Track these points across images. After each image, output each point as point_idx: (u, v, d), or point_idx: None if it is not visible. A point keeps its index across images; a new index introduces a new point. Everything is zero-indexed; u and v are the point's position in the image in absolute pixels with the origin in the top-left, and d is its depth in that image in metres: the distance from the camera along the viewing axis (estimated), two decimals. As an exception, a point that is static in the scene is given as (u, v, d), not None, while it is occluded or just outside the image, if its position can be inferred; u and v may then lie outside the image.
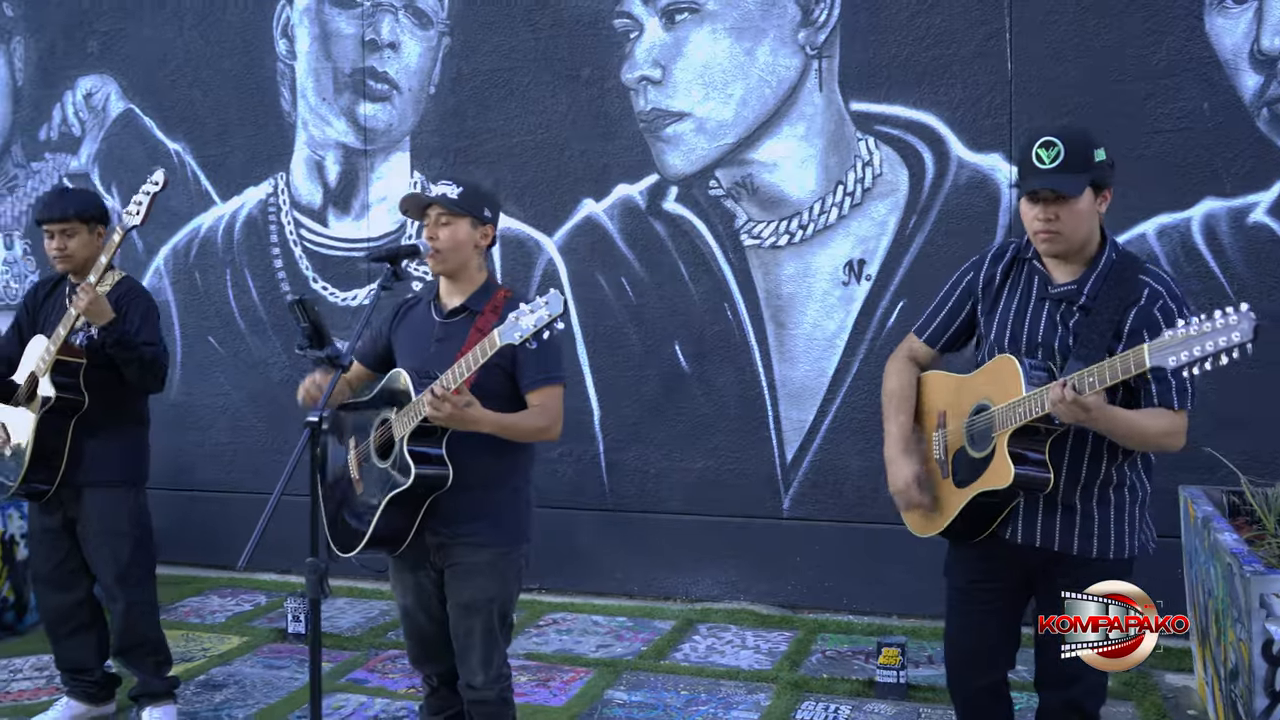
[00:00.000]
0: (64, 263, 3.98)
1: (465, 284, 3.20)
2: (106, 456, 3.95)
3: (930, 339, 3.01)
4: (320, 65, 6.01)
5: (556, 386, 3.13)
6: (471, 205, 3.13)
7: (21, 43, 6.62)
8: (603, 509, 5.66)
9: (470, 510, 3.10)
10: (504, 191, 5.72)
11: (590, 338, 5.63)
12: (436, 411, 2.86)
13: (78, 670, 4.11)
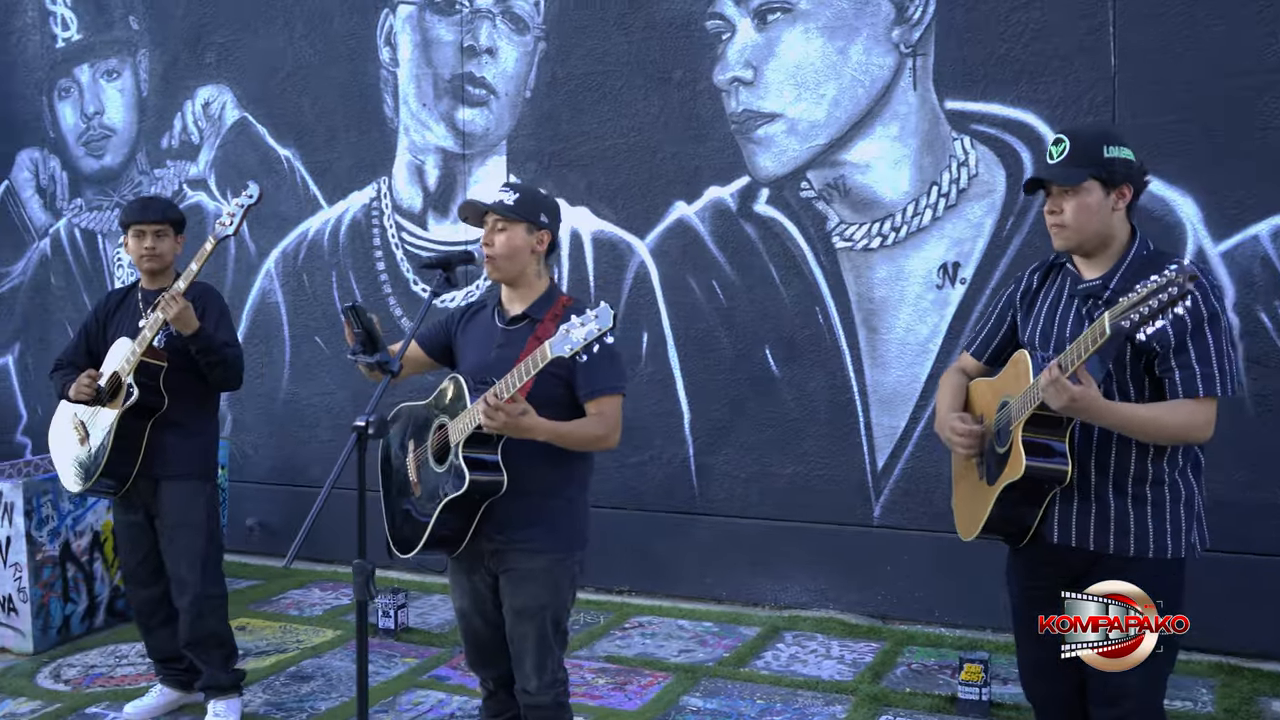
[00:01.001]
0: (152, 262, 4.13)
1: (526, 291, 3.22)
2: (183, 450, 4.09)
3: (977, 352, 3.07)
4: (421, 72, 6.13)
5: (615, 396, 3.12)
6: (527, 211, 3.15)
7: (146, 55, 6.91)
8: (692, 512, 5.64)
9: (525, 516, 3.11)
10: (596, 194, 5.74)
11: (681, 341, 5.60)
12: (490, 420, 2.88)
13: (168, 659, 4.27)
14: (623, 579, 5.78)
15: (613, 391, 3.11)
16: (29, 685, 4.62)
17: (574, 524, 3.19)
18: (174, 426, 4.05)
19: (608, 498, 5.77)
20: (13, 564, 4.94)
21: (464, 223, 3.28)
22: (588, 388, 3.09)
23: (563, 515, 3.15)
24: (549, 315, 3.16)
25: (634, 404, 5.65)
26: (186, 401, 4.06)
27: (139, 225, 4.10)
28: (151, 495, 4.12)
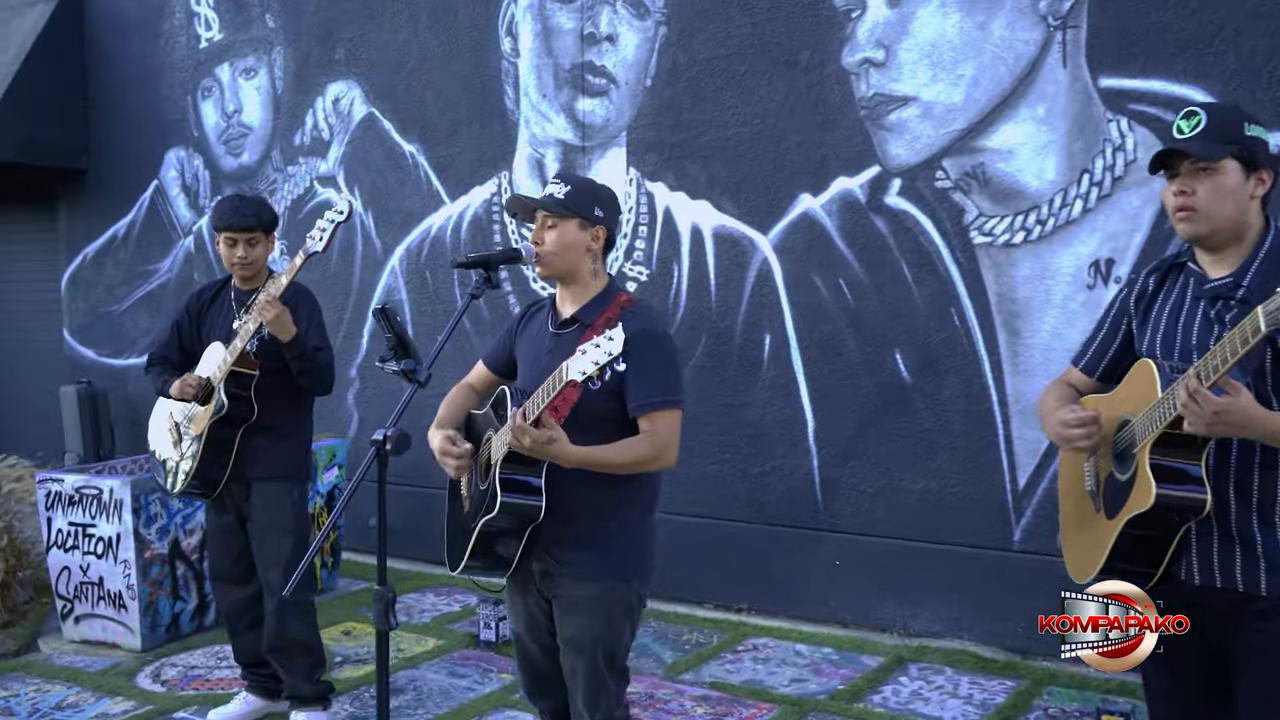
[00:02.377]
0: (245, 270, 4.04)
1: (579, 291, 2.92)
2: (274, 452, 4.00)
3: (1087, 367, 2.67)
4: (542, 62, 5.91)
5: (669, 411, 2.79)
6: (580, 204, 2.85)
7: (281, 52, 6.93)
8: (816, 528, 5.24)
9: (575, 539, 2.82)
10: (718, 187, 5.41)
11: (805, 344, 5.22)
12: (516, 443, 2.61)
13: (254, 664, 4.16)
14: (741, 596, 5.43)
15: (666, 406, 2.79)
16: (127, 684, 4.61)
17: (631, 550, 2.87)
18: (266, 430, 3.97)
19: (728, 510, 5.44)
20: (122, 561, 4.95)
21: (512, 218, 3.01)
22: (637, 401, 2.78)
23: (617, 540, 2.85)
24: (601, 319, 2.86)
25: (756, 411, 5.30)
26: (278, 404, 3.97)
27: (230, 233, 3.99)
28: (244, 497, 4.04)
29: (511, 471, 2.73)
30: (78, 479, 5.07)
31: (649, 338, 2.82)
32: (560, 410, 2.78)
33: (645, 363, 2.79)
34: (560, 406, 2.79)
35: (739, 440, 5.40)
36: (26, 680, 4.73)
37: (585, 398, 2.79)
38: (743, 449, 5.40)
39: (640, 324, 2.84)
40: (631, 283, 5.67)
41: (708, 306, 5.46)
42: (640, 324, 2.84)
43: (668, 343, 2.88)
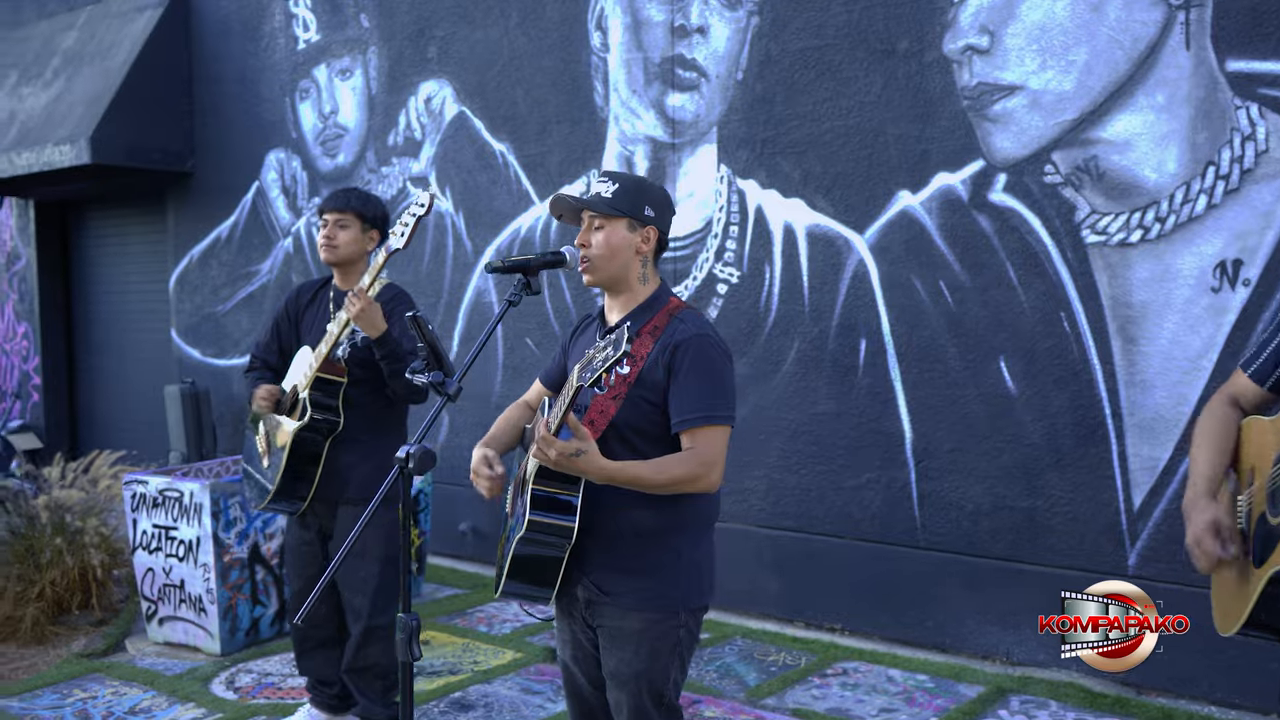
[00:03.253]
0: (329, 252, 3.88)
1: (626, 297, 2.72)
2: (361, 472, 3.78)
3: (1258, 374, 2.30)
4: (631, 56, 5.72)
5: (717, 428, 2.57)
6: (628, 204, 2.64)
7: (375, 52, 6.88)
8: (914, 546, 4.93)
9: (618, 565, 2.62)
10: (812, 185, 5.14)
11: (903, 350, 4.91)
12: (544, 455, 2.41)
13: (321, 682, 4.05)
14: (834, 615, 5.15)
15: (711, 421, 2.56)
16: (201, 691, 4.56)
17: (679, 580, 2.65)
18: (353, 444, 3.77)
19: (820, 523, 5.17)
20: (201, 564, 4.92)
21: (558, 219, 2.80)
22: (680, 415, 2.56)
23: (664, 569, 2.63)
24: (647, 327, 2.65)
25: (850, 420, 5.02)
26: (368, 418, 3.79)
27: (324, 212, 3.89)
28: (329, 517, 3.86)
29: (545, 488, 2.54)
30: (161, 481, 5.06)
31: (696, 346, 2.60)
32: (597, 423, 2.59)
33: (691, 374, 2.58)
34: (597, 419, 2.59)
35: (832, 451, 5.12)
36: (106, 682, 4.73)
37: (626, 409, 2.58)
38: (836, 460, 5.12)
39: (688, 331, 2.63)
40: (722, 284, 5.43)
41: (800, 310, 5.20)
42: (688, 331, 2.63)
43: (717, 353, 2.64)
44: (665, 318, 2.67)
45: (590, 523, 2.56)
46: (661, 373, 2.59)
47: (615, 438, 2.59)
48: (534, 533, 2.53)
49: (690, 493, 2.58)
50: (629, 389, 2.60)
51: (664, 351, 2.61)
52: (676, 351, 2.59)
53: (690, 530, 2.67)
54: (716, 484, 2.59)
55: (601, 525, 2.58)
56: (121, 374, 9.31)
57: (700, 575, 2.70)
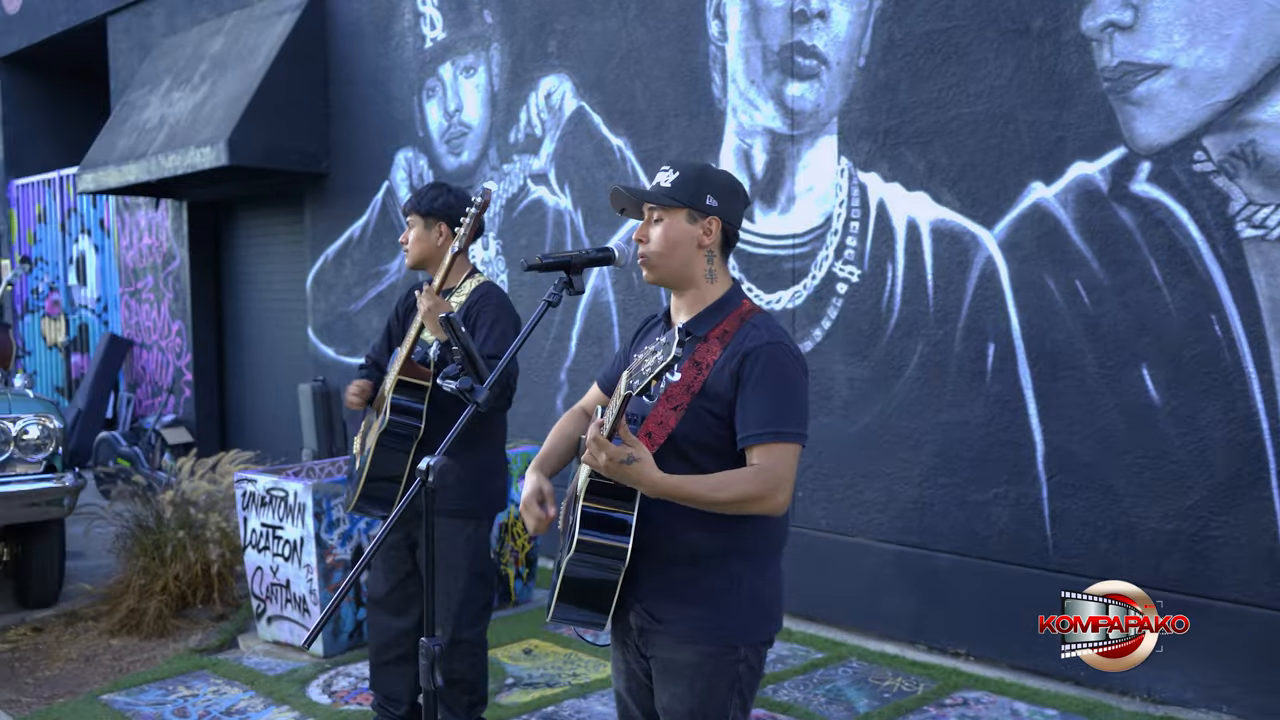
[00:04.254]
0: (410, 258, 3.82)
1: (692, 298, 2.48)
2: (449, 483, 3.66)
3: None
4: (750, 45, 5.46)
5: (786, 445, 2.31)
6: (688, 193, 2.41)
7: (498, 48, 6.80)
8: (1044, 568, 4.54)
9: (673, 591, 2.39)
10: (937, 177, 4.79)
11: (1034, 354, 4.53)
12: (593, 460, 2.20)
13: (389, 698, 3.92)
14: (958, 639, 4.80)
15: (779, 438, 2.31)
16: (297, 694, 4.53)
17: (740, 610, 2.40)
18: None
19: (943, 540, 4.83)
20: (305, 565, 4.90)
21: (621, 215, 2.58)
22: (746, 430, 2.32)
23: (723, 597, 2.38)
24: (715, 331, 2.41)
25: (976, 430, 4.67)
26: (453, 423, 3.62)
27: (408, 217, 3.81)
28: (416, 524, 3.71)
29: (597, 505, 2.33)
30: (269, 480, 5.07)
31: (768, 355, 2.35)
32: (655, 435, 2.36)
33: (760, 385, 2.33)
34: (655, 431, 2.37)
35: (957, 463, 4.77)
36: (210, 680, 4.75)
37: (687, 421, 2.35)
38: (961, 473, 4.76)
39: (759, 338, 2.38)
40: (842, 284, 5.13)
41: (924, 311, 4.86)
42: (759, 338, 2.38)
43: (791, 363, 2.38)
44: (735, 322, 2.43)
45: (643, 543, 2.35)
46: (728, 382, 2.35)
47: (674, 452, 2.37)
48: (584, 553, 2.33)
49: (753, 514, 2.34)
50: (691, 399, 2.37)
51: (731, 359, 2.37)
52: (745, 360, 2.35)
53: (753, 555, 2.42)
54: (783, 506, 2.33)
55: (655, 546, 2.37)
56: (265, 371, 9.54)
57: (763, 606, 2.45)
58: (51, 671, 5.14)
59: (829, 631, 5.13)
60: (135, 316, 10.58)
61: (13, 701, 4.79)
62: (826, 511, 5.25)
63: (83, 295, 11.50)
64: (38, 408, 5.71)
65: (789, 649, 4.95)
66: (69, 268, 11.68)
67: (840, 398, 5.17)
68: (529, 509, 2.47)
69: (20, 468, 5.51)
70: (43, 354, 12.25)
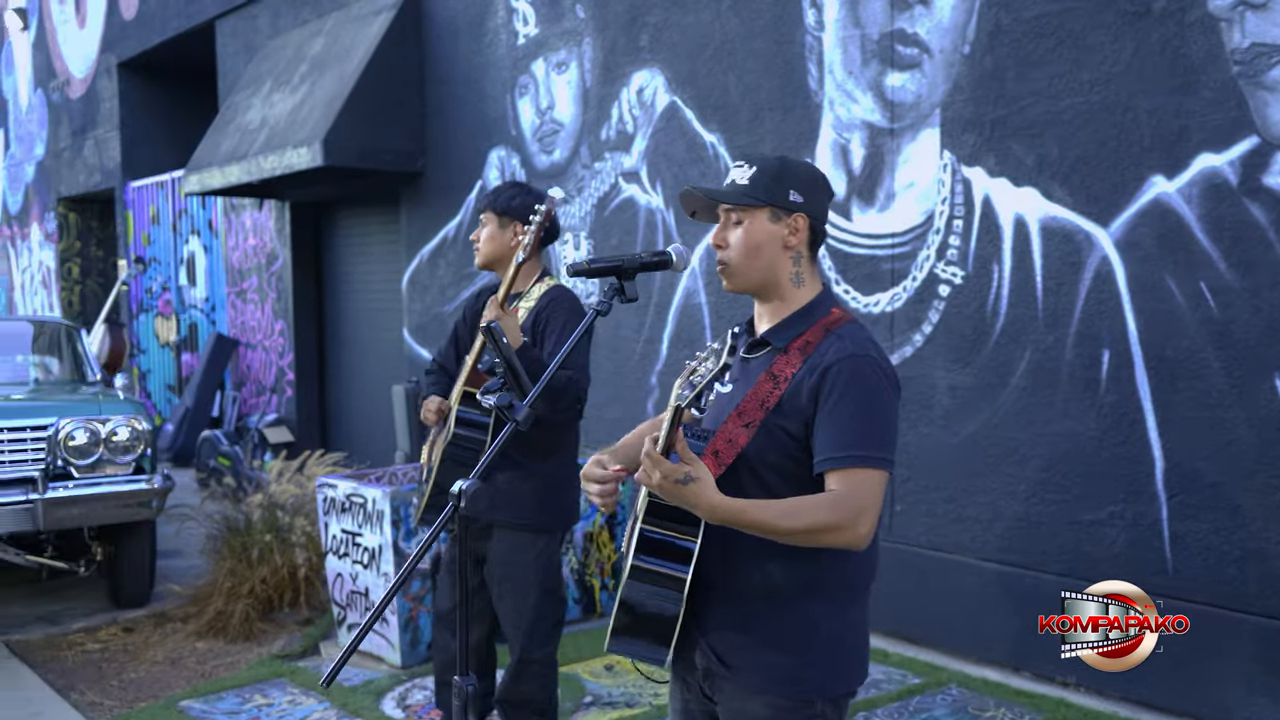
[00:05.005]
0: (478, 255, 3.65)
1: (777, 305, 2.24)
2: (516, 496, 3.44)
3: None
4: (848, 34, 5.19)
5: (870, 471, 2.06)
6: (769, 189, 2.17)
7: (590, 44, 6.64)
8: (1164, 595, 4.17)
9: (743, 632, 2.17)
10: (1048, 171, 4.47)
11: (1153, 362, 4.18)
12: (648, 478, 1.99)
13: (451, 718, 3.77)
14: (1067, 667, 4.46)
15: (862, 463, 2.06)
16: (371, 706, 4.42)
17: (818, 658, 2.16)
18: (509, 463, 3.42)
19: (1050, 561, 4.51)
20: (383, 573, 4.80)
21: (692, 218, 2.35)
22: (825, 452, 2.08)
23: (799, 641, 2.15)
24: (797, 342, 2.17)
25: (1089, 444, 4.35)
26: (523, 435, 3.40)
27: (481, 215, 3.66)
28: (484, 539, 3.54)
29: (656, 528, 2.12)
30: (348, 486, 4.98)
31: (852, 369, 2.11)
32: (723, 454, 2.14)
33: (843, 403, 2.08)
34: (723, 450, 2.15)
35: (1067, 478, 4.44)
36: (287, 689, 4.68)
37: (760, 440, 2.13)
38: (1071, 489, 4.43)
39: (844, 350, 2.13)
40: (944, 286, 4.83)
41: (1033, 315, 4.53)
42: (844, 350, 2.13)
43: (879, 379, 2.13)
44: (819, 332, 2.18)
45: (709, 574, 2.14)
46: (806, 399, 2.11)
47: (746, 474, 2.14)
48: (639, 581, 2.13)
49: (831, 546, 2.10)
50: (765, 416, 2.14)
51: (811, 374, 2.12)
52: (827, 374, 2.11)
53: (832, 596, 2.18)
54: (864, 540, 2.07)
55: (723, 579, 2.15)
56: (364, 371, 9.55)
57: (844, 654, 2.21)
58: (137, 674, 5.14)
59: (927, 654, 4.84)
60: (241, 316, 10.72)
61: (96, 704, 4.79)
62: (926, 527, 4.95)
63: (192, 295, 11.72)
64: (128, 409, 5.73)
65: (884, 672, 4.68)
66: (180, 268, 11.92)
67: (941, 407, 4.87)
68: (589, 477, 2.25)
69: (110, 469, 5.54)
70: (156, 353, 12.53)
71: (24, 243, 16.29)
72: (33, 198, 15.82)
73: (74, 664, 5.29)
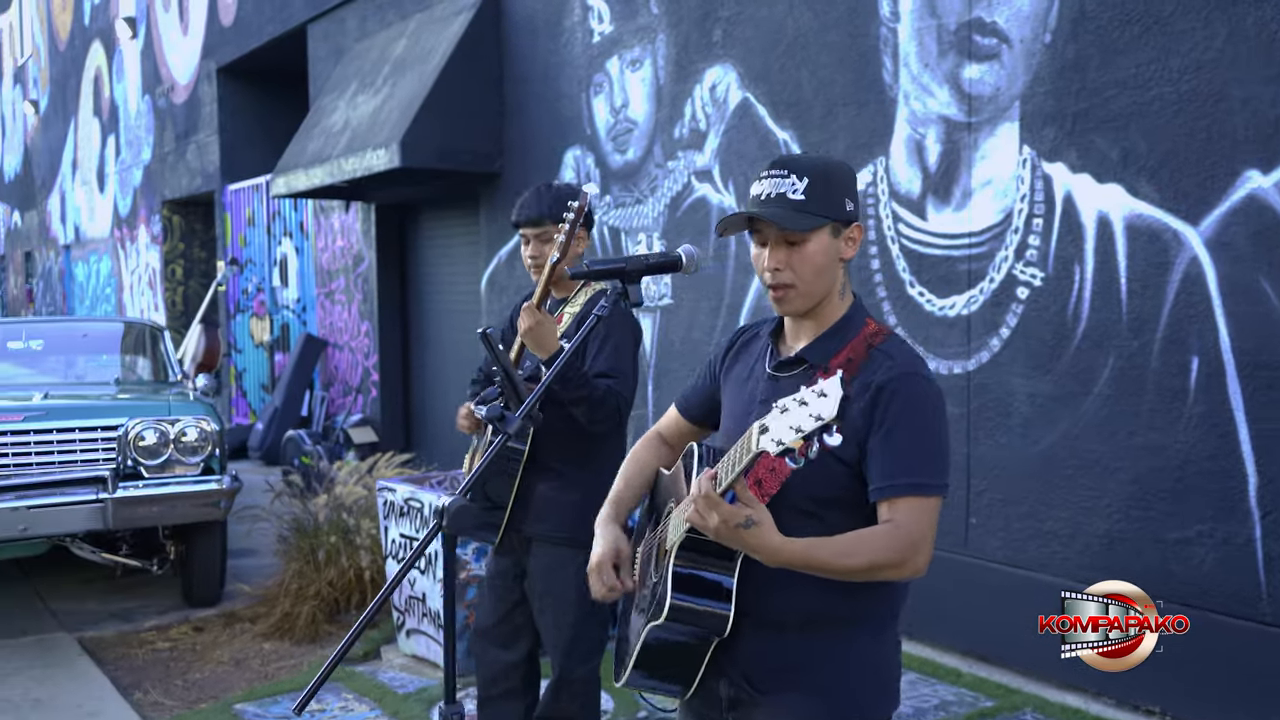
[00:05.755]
0: (539, 272, 3.50)
1: (815, 320, 2.09)
2: (557, 508, 3.30)
3: None
4: (924, 24, 4.97)
5: (926, 499, 1.92)
6: (828, 204, 2.01)
7: (663, 40, 6.51)
8: (1257, 620, 3.90)
9: (779, 660, 2.04)
10: (1133, 166, 4.20)
11: (1246, 370, 3.89)
12: (702, 520, 1.85)
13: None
14: (1151, 694, 4.19)
15: (925, 490, 1.92)
16: (421, 715, 4.36)
17: (857, 684, 2.03)
18: (548, 473, 3.30)
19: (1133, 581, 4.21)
20: (439, 579, 4.73)
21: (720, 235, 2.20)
22: (881, 480, 1.94)
23: (838, 668, 2.01)
24: (838, 359, 2.02)
25: (1176, 457, 4.09)
26: (564, 446, 3.27)
27: (522, 229, 3.51)
28: (524, 551, 3.41)
29: (691, 564, 1.98)
30: (407, 490, 4.93)
31: (908, 391, 1.97)
32: (765, 484, 2.00)
33: (900, 427, 1.95)
34: (765, 480, 2.01)
35: (1152, 494, 4.16)
36: (342, 694, 4.64)
37: (817, 471, 1.96)
38: (1157, 505, 4.15)
39: (895, 368, 1.99)
40: (1022, 288, 4.58)
41: (1116, 319, 4.27)
42: (895, 368, 1.99)
43: (932, 399, 2.00)
44: (861, 348, 2.03)
45: (743, 602, 2.00)
46: (856, 422, 1.96)
47: (790, 505, 1.99)
48: (675, 621, 1.99)
49: (890, 580, 1.95)
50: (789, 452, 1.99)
51: (861, 394, 1.97)
52: (880, 395, 1.96)
53: (870, 621, 2.05)
54: (922, 570, 1.93)
55: (758, 608, 2.01)
56: (445, 372, 9.57)
57: (881, 679, 2.07)
58: (202, 674, 5.17)
59: (1001, 675, 4.60)
60: (329, 317, 10.84)
61: (158, 704, 4.82)
62: (1003, 541, 4.70)
63: (284, 296, 11.90)
64: (197, 410, 5.78)
65: (955, 693, 4.46)
66: (273, 269, 12.11)
67: (1019, 415, 4.62)
68: (601, 572, 2.16)
69: (178, 469, 5.58)
70: (251, 353, 12.76)
71: (132, 245, 16.78)
72: (140, 201, 16.28)
73: (143, 662, 5.35)
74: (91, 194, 18.76)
